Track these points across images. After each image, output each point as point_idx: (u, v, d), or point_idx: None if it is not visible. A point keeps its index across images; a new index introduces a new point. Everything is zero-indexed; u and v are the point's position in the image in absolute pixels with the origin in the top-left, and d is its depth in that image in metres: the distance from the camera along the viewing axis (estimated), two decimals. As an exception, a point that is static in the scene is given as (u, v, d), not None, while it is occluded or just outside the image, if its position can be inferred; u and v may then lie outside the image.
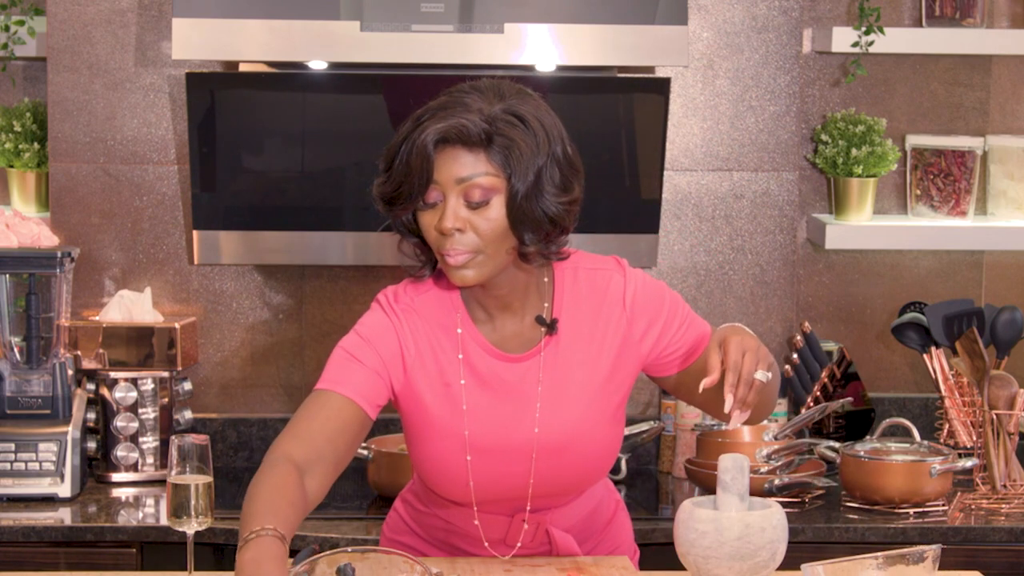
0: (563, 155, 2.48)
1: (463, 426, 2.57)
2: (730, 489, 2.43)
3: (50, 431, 3.52)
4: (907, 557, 2.35)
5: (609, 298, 2.60)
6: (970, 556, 3.34)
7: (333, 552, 2.44)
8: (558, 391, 2.59)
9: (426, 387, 2.57)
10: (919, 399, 4.03)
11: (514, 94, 2.49)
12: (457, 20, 3.48)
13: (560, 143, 2.48)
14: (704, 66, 3.88)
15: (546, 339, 2.59)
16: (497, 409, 2.58)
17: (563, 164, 2.47)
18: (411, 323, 2.57)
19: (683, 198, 3.91)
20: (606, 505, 2.79)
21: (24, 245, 3.63)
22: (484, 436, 2.57)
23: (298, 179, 3.73)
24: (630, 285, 2.60)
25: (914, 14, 3.96)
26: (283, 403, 3.92)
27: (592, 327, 2.60)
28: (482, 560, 2.69)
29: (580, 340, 2.60)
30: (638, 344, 2.61)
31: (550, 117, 2.50)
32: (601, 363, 2.60)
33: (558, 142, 2.47)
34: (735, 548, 2.38)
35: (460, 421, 2.57)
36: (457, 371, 2.57)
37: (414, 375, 2.57)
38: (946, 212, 3.96)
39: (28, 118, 3.84)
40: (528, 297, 2.59)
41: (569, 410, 2.59)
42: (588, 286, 2.61)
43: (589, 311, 2.60)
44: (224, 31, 3.48)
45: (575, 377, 2.59)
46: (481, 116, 2.44)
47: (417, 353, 2.56)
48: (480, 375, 2.57)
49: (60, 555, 3.32)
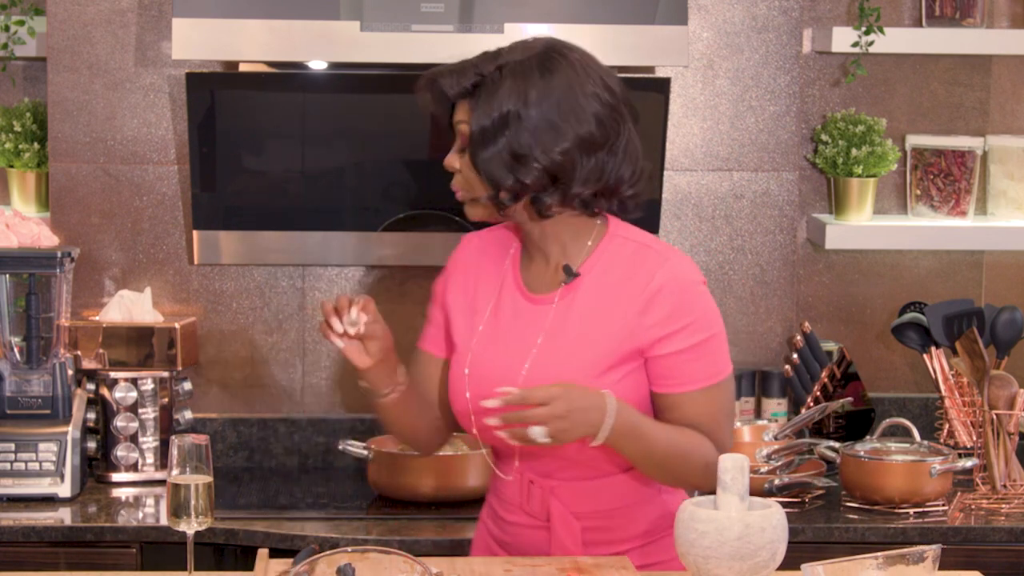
0: (538, 111, 2.57)
1: (471, 345, 2.72)
2: (730, 489, 2.43)
3: (50, 431, 3.52)
4: (907, 557, 2.35)
5: (639, 275, 2.63)
6: (970, 556, 3.34)
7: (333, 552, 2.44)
8: (558, 339, 2.65)
9: (458, 307, 2.77)
10: (919, 399, 4.03)
11: (518, 50, 2.63)
12: (457, 20, 3.48)
13: (537, 99, 2.57)
14: (704, 66, 3.88)
15: (564, 288, 2.67)
16: (502, 339, 2.70)
17: (535, 118, 2.57)
18: (474, 250, 2.81)
19: (683, 198, 3.91)
20: (647, 513, 2.74)
21: (24, 245, 3.63)
22: (484, 360, 2.69)
23: (298, 179, 3.73)
24: (665, 275, 2.63)
25: (914, 14, 3.96)
26: (283, 403, 3.92)
27: (614, 294, 2.64)
28: (482, 560, 2.70)
29: (596, 300, 2.65)
30: (645, 332, 2.63)
31: (536, 73, 2.59)
32: (606, 329, 2.63)
33: (527, 97, 2.57)
34: (735, 548, 2.38)
35: (470, 339, 2.73)
36: (489, 298, 2.74)
37: (453, 298, 2.78)
38: (946, 212, 3.96)
39: (28, 118, 3.84)
40: (566, 251, 2.69)
41: (562, 359, 2.63)
42: (629, 258, 2.66)
43: (617, 278, 2.65)
44: (224, 31, 3.48)
45: (578, 330, 2.64)
46: (475, 71, 2.62)
47: (463, 279, 2.79)
48: (501, 306, 2.72)
49: (60, 555, 3.32)
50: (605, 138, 2.61)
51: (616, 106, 2.63)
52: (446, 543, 3.29)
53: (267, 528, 3.34)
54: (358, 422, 3.89)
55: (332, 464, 3.88)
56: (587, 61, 2.64)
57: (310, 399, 3.92)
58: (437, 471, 3.50)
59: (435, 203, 3.71)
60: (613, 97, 2.63)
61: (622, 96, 2.65)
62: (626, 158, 2.64)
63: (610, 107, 2.62)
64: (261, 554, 2.65)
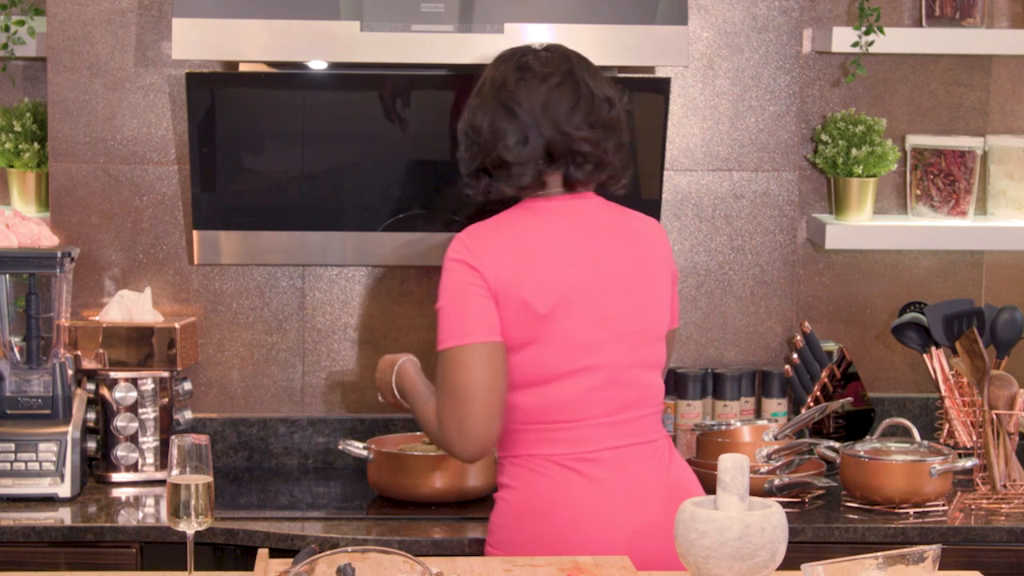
0: (487, 102, 2.96)
1: None
2: (730, 489, 2.43)
3: (50, 431, 3.52)
4: (907, 557, 2.35)
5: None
6: (970, 556, 3.34)
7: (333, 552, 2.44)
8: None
9: None
10: (919, 399, 4.04)
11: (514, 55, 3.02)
12: (457, 20, 3.48)
13: (489, 91, 2.97)
14: (704, 66, 3.88)
15: None
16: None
17: (486, 107, 2.96)
18: None
19: (683, 198, 3.92)
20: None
21: (24, 245, 3.63)
22: None
23: (298, 179, 3.73)
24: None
25: (914, 14, 3.96)
26: (283, 403, 3.92)
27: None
28: (482, 560, 2.70)
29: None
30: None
31: (515, 73, 2.96)
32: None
33: (484, 87, 2.98)
34: (735, 548, 2.38)
35: None
36: None
37: None
38: (946, 212, 3.96)
39: (28, 118, 3.84)
40: None
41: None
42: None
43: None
44: (224, 31, 3.48)
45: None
46: None
47: None
48: None
49: (60, 555, 3.32)
50: None
51: None
52: (446, 543, 3.29)
53: (267, 528, 3.34)
54: (358, 422, 3.90)
55: (332, 464, 3.88)
56: None
57: (310, 399, 3.92)
58: (437, 471, 3.49)
59: (435, 203, 3.71)
60: None
61: None
62: None
63: None
64: (261, 554, 2.65)
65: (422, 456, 3.50)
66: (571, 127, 2.93)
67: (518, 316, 2.90)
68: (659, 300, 3.01)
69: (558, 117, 2.93)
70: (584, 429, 2.93)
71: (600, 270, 2.95)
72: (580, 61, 3.00)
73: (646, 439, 2.98)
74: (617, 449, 2.94)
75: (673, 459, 3.04)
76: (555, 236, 2.95)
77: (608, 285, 2.95)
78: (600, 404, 2.94)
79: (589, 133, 2.94)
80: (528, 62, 2.97)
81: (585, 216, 2.99)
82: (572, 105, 2.94)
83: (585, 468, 2.92)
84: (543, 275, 2.91)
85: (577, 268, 2.93)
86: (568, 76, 2.96)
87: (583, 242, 2.96)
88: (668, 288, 3.05)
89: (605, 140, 2.96)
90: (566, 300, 2.91)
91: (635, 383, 2.97)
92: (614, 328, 2.94)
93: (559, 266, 2.92)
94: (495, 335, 2.89)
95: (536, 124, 2.93)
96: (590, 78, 2.98)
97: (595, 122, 2.95)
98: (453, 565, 2.65)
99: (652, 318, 3.00)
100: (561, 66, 2.97)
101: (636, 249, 3.00)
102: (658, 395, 3.03)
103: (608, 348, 2.94)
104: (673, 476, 3.00)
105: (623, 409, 2.95)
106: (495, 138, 2.93)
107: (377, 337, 3.90)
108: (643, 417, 2.99)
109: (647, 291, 2.99)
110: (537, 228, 2.96)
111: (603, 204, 3.03)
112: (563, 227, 2.96)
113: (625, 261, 2.98)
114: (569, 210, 2.98)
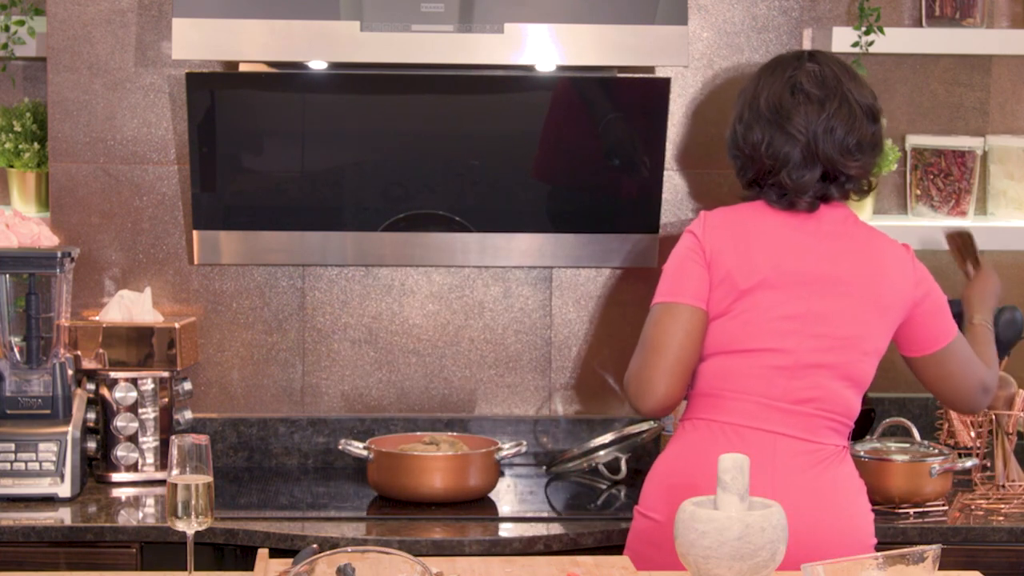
0: (739, 116, 3.15)
1: None
2: (730, 489, 2.43)
3: (50, 431, 3.51)
4: (907, 557, 2.35)
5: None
6: (970, 556, 3.34)
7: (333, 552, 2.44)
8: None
9: None
10: (919, 399, 4.03)
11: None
12: (457, 20, 3.48)
13: (764, 109, 3.08)
14: (704, 66, 3.88)
15: None
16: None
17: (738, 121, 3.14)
18: None
19: (683, 198, 3.91)
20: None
21: (24, 245, 3.63)
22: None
23: (298, 179, 3.73)
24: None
25: (914, 14, 3.96)
26: (283, 403, 3.92)
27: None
28: (482, 560, 2.70)
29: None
30: None
31: (760, 89, 3.12)
32: None
33: (759, 104, 3.09)
34: (735, 548, 2.39)
35: None
36: None
37: None
38: (946, 212, 3.96)
39: (28, 118, 3.84)
40: None
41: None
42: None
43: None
44: (224, 31, 3.48)
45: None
46: None
47: None
48: None
49: (60, 555, 3.32)
50: None
51: None
52: (446, 543, 3.29)
53: (267, 528, 3.34)
54: (358, 422, 3.89)
55: (332, 464, 3.88)
56: None
57: (310, 399, 3.92)
58: (437, 471, 3.49)
59: (435, 203, 3.71)
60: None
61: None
62: None
63: None
64: (261, 554, 2.65)
65: (422, 456, 3.50)
66: (847, 154, 3.05)
67: (721, 286, 3.03)
68: (875, 318, 3.08)
69: (835, 144, 3.04)
70: (747, 404, 3.03)
71: (813, 268, 3.05)
72: (844, 72, 3.10)
73: (807, 437, 3.04)
74: (773, 435, 3.02)
75: (837, 475, 3.05)
76: (783, 229, 3.07)
77: (816, 285, 3.04)
78: (770, 386, 3.02)
79: (861, 158, 3.06)
80: (801, 82, 3.06)
81: (821, 220, 3.09)
82: (847, 130, 3.04)
83: (733, 435, 3.02)
84: (755, 256, 3.04)
85: (791, 260, 3.04)
86: (844, 100, 3.05)
87: (807, 241, 3.07)
88: (894, 313, 3.11)
89: (871, 162, 3.10)
90: (768, 283, 3.03)
91: (816, 383, 3.04)
92: (811, 325, 3.03)
93: (773, 253, 3.04)
94: (701, 303, 3.04)
95: (813, 152, 3.04)
96: (856, 91, 3.08)
97: (865, 144, 3.07)
98: (453, 565, 2.65)
99: (860, 332, 3.06)
100: (833, 87, 3.06)
101: (866, 266, 3.09)
102: (840, 406, 3.07)
103: (795, 339, 3.03)
104: (823, 486, 3.02)
105: (793, 400, 3.03)
106: (775, 163, 3.05)
107: (377, 337, 3.90)
108: (813, 416, 3.04)
109: (863, 305, 3.07)
110: (769, 218, 3.09)
111: (847, 215, 3.13)
112: (793, 223, 3.08)
113: (846, 270, 3.06)
114: (808, 213, 3.10)
